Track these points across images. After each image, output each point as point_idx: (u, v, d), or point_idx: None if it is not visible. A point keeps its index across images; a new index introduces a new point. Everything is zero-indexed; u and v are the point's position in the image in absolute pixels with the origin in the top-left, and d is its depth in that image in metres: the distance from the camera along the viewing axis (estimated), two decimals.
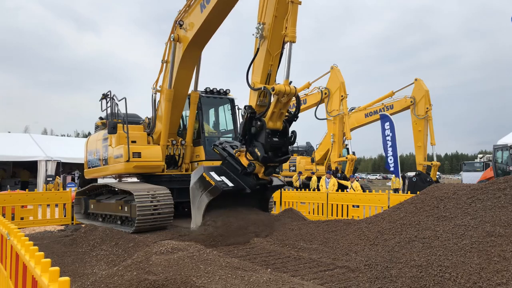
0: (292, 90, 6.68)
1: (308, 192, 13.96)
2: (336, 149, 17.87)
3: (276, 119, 6.88)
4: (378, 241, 5.10)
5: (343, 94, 17.29)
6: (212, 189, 6.94)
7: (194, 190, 7.31)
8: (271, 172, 7.27)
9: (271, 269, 4.96)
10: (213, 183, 6.94)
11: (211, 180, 7.01)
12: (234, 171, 7.41)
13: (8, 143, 22.89)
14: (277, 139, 6.89)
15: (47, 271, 1.94)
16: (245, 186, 7.20)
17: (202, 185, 7.13)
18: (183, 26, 9.53)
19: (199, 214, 7.01)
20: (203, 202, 7.02)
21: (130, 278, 4.75)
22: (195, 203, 7.26)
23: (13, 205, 11.14)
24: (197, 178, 7.29)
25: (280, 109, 6.82)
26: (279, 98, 6.65)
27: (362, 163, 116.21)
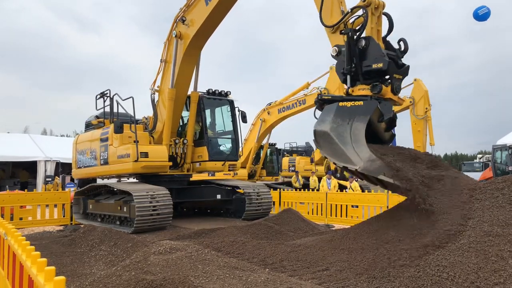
0: (381, 3, 6.17)
1: (307, 192, 13.97)
2: None
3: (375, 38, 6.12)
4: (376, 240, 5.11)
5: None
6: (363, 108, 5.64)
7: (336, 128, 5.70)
8: (399, 87, 6.35)
9: (269, 269, 4.97)
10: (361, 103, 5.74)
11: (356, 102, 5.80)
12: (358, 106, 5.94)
13: (7, 143, 22.92)
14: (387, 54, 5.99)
15: (43, 271, 1.95)
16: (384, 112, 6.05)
17: (346, 114, 5.72)
18: (185, 22, 9.55)
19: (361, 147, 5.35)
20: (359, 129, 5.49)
21: (128, 278, 4.75)
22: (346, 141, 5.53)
23: (12, 205, 11.16)
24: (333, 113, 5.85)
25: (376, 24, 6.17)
26: (372, 10, 6.10)
27: None
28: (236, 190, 11.44)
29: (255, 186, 11.44)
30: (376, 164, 5.24)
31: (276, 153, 24.55)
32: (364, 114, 5.67)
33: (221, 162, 11.44)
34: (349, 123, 5.70)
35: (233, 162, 11.82)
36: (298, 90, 18.93)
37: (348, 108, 5.86)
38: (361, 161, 5.36)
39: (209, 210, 12.92)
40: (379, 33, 6.29)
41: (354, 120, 5.68)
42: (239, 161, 20.34)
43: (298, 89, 18.91)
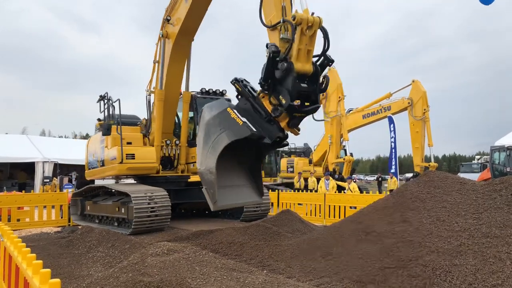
0: (316, 20, 5.56)
1: (306, 193, 13.96)
2: (334, 150, 17.89)
3: (304, 60, 5.74)
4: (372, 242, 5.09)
5: (340, 96, 17.31)
6: (238, 129, 5.72)
7: (211, 126, 5.99)
8: (296, 124, 6.11)
9: (267, 271, 4.95)
10: (241, 122, 5.78)
11: (238, 118, 5.87)
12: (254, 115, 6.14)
13: (5, 144, 22.87)
14: (305, 85, 5.78)
15: (38, 273, 1.94)
16: (265, 135, 6.00)
17: (225, 122, 5.88)
18: (170, 21, 9.59)
19: (212, 156, 5.71)
20: (222, 142, 5.71)
21: (125, 280, 4.74)
22: (209, 141, 5.93)
23: (9, 207, 11.12)
24: (218, 112, 6.03)
25: (306, 45, 5.70)
26: (303, 29, 5.60)
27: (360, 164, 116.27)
28: None
29: None
30: (209, 177, 5.70)
31: (275, 154, 24.54)
32: (234, 134, 5.77)
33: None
34: (221, 130, 5.88)
35: None
36: None
37: (229, 118, 5.92)
38: (203, 166, 5.86)
39: (207, 211, 12.89)
40: (310, 54, 5.79)
41: (224, 133, 5.83)
42: None
43: None
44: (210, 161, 5.71)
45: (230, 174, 6.32)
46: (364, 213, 5.81)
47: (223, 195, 5.89)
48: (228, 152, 5.91)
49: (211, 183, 5.64)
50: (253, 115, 6.07)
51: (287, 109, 5.76)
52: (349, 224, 5.71)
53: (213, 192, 5.60)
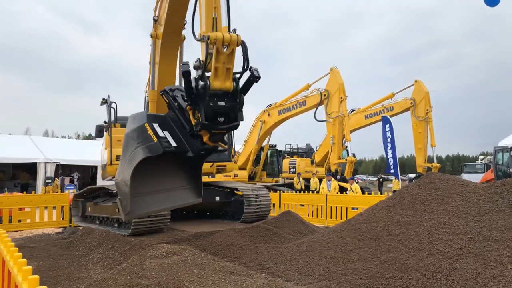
0: (233, 38, 5.44)
1: (308, 194, 13.90)
2: (336, 151, 17.81)
3: (223, 78, 5.64)
4: (372, 245, 5.05)
5: (342, 96, 17.22)
6: (152, 146, 5.76)
7: (129, 138, 6.03)
8: (219, 139, 6.07)
9: (265, 274, 4.91)
10: (155, 139, 5.83)
11: (153, 134, 5.90)
12: (179, 127, 6.23)
13: (7, 145, 22.93)
14: (223, 103, 5.72)
15: (27, 279, 1.91)
16: (189, 148, 6.09)
17: (141, 136, 5.90)
18: (157, 21, 9.62)
19: (128, 169, 5.72)
20: (137, 156, 5.73)
21: (123, 282, 4.72)
22: (127, 154, 5.95)
23: (10, 208, 11.12)
24: (136, 126, 6.03)
25: (223, 64, 5.58)
26: (219, 49, 5.48)
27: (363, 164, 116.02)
28: (235, 192, 11.37)
29: (254, 188, 11.37)
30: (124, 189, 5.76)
31: (277, 154, 24.48)
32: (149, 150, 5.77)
33: (209, 164, 11.12)
34: (137, 144, 5.90)
35: (222, 164, 11.43)
36: (298, 92, 18.88)
37: (146, 134, 5.93)
38: (120, 177, 5.96)
39: (208, 212, 12.86)
40: (229, 71, 5.69)
41: (140, 148, 5.83)
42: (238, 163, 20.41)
43: (298, 91, 18.86)
44: (126, 173, 5.76)
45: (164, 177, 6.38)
46: (364, 216, 5.76)
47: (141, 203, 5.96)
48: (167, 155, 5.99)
49: (125, 195, 5.71)
50: (179, 127, 6.19)
51: (202, 127, 5.83)
52: (349, 226, 5.66)
53: (126, 203, 5.68)
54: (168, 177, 6.45)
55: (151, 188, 6.13)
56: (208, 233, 7.85)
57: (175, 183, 6.53)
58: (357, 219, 5.84)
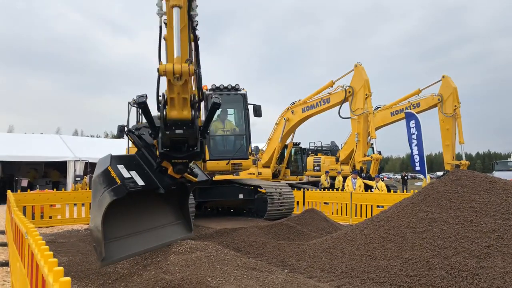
0: (184, 69, 5.35)
1: (332, 192, 13.81)
2: (361, 148, 17.60)
3: (180, 107, 5.61)
4: (396, 242, 4.97)
5: (367, 93, 16.98)
6: (116, 188, 5.67)
7: (96, 184, 5.91)
8: (182, 169, 6.02)
9: (287, 270, 4.91)
10: (119, 182, 5.72)
11: (117, 177, 5.80)
12: (148, 164, 6.19)
13: (40, 144, 23.73)
14: (180, 131, 5.68)
15: (52, 271, 1.98)
16: (159, 185, 6.01)
17: (106, 181, 5.80)
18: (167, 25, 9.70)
19: (98, 214, 5.62)
20: (104, 201, 5.64)
21: (148, 277, 4.81)
22: (96, 199, 5.86)
23: (42, 204, 11.50)
24: (101, 171, 5.92)
25: (178, 94, 5.53)
26: (171, 80, 5.43)
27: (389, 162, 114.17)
28: (259, 190, 11.40)
29: (277, 186, 11.37)
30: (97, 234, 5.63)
31: (301, 152, 24.38)
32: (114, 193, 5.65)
33: (225, 161, 11.12)
34: (104, 188, 5.78)
35: (238, 161, 11.35)
36: (322, 89, 18.73)
37: (110, 177, 5.83)
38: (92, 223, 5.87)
39: (231, 209, 12.95)
40: (186, 101, 5.63)
41: (106, 191, 5.71)
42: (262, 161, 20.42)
43: (322, 88, 18.71)
44: (97, 219, 5.67)
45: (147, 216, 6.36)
46: (388, 213, 5.68)
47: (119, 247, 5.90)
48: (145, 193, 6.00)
49: (98, 240, 5.62)
50: (147, 165, 6.15)
51: (161, 157, 5.83)
52: (372, 224, 5.59)
53: (100, 249, 5.59)
54: (153, 216, 6.42)
55: (130, 230, 6.08)
56: (232, 229, 7.90)
57: (160, 220, 6.50)
58: (380, 216, 5.77)
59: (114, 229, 5.86)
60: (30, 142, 24.26)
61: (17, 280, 3.87)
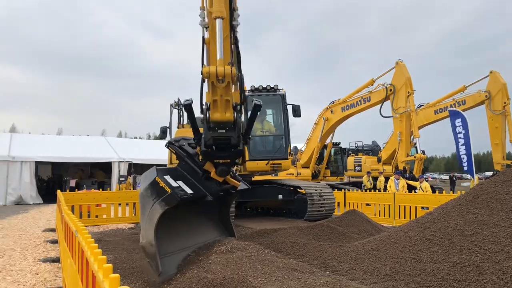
0: (227, 71, 5.50)
1: (374, 193, 13.52)
2: (403, 148, 17.13)
3: (222, 109, 5.74)
4: (443, 245, 4.79)
5: (409, 90, 16.52)
6: (167, 198, 5.70)
7: (145, 197, 5.94)
8: (225, 171, 6.04)
9: (329, 272, 4.85)
10: (169, 190, 5.76)
11: (166, 186, 5.85)
12: (193, 174, 6.26)
13: (86, 146, 24.78)
14: (223, 131, 5.80)
15: (102, 268, 2.05)
16: (206, 192, 6.05)
17: (155, 192, 5.86)
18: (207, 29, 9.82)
19: (150, 228, 5.64)
20: (155, 212, 5.68)
21: (190, 276, 4.89)
22: (145, 213, 5.85)
23: (88, 204, 11.97)
24: (148, 183, 5.99)
25: (221, 96, 5.67)
26: (214, 82, 5.59)
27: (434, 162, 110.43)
28: (298, 190, 11.33)
29: (317, 187, 11.27)
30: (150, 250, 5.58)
31: (341, 152, 24.04)
32: (165, 202, 5.63)
33: (264, 162, 11.12)
34: (154, 200, 5.76)
35: (277, 161, 11.33)
36: (362, 87, 18.41)
37: (159, 187, 5.81)
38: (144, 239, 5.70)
39: (271, 210, 12.95)
40: (228, 103, 5.73)
41: (157, 203, 5.70)
42: (301, 161, 20.29)
43: (362, 86, 18.39)
44: (149, 233, 5.67)
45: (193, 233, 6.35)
46: (434, 215, 5.48)
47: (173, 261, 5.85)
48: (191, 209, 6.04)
49: (153, 256, 5.61)
50: (192, 174, 6.18)
51: (204, 156, 5.86)
52: (417, 226, 5.42)
53: (156, 264, 5.57)
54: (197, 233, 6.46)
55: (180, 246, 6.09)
56: (272, 230, 7.89)
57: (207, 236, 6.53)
58: (426, 218, 5.58)
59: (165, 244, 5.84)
60: (77, 144, 25.39)
61: (68, 276, 4.04)
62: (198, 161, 6.21)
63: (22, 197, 19.88)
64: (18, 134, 28.51)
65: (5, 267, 6.68)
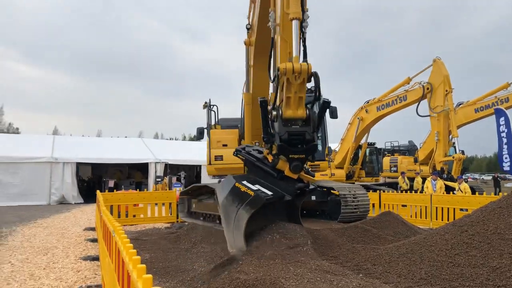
0: (304, 67, 5.56)
1: (410, 194, 13.21)
2: (441, 147, 16.63)
3: (295, 106, 5.79)
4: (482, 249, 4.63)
5: (447, 89, 16.00)
6: (251, 201, 5.66)
7: (227, 206, 5.92)
8: (299, 167, 5.92)
9: (362, 275, 4.79)
10: (251, 193, 5.75)
11: (248, 189, 5.84)
12: (266, 177, 6.23)
13: (124, 147, 25.55)
14: (297, 126, 5.82)
15: (136, 268, 2.13)
16: (284, 193, 6.00)
17: (238, 198, 5.83)
18: (250, 29, 9.80)
19: (239, 235, 5.58)
20: (242, 218, 5.62)
21: (223, 276, 4.96)
22: (231, 222, 5.80)
23: (126, 204, 12.34)
24: (228, 190, 5.99)
25: (295, 93, 5.73)
26: (289, 79, 5.63)
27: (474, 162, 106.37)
28: (331, 191, 11.22)
29: (351, 188, 11.12)
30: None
31: (376, 152, 23.59)
32: (251, 206, 5.62)
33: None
34: (237, 207, 5.75)
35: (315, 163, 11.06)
36: (398, 86, 18.01)
37: (241, 193, 5.83)
38: (234, 248, 5.67)
39: (304, 211, 12.87)
40: (301, 100, 5.81)
41: (242, 208, 5.69)
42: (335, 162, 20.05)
43: (398, 85, 17.98)
44: (238, 241, 5.69)
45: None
46: (472, 218, 5.31)
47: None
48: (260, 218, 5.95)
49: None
50: (265, 178, 6.19)
51: (279, 151, 5.81)
52: (454, 229, 5.26)
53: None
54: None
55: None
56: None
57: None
58: (464, 220, 5.41)
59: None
60: (116, 145, 26.21)
61: (107, 274, 4.19)
62: (269, 163, 6.23)
63: (64, 196, 20.73)
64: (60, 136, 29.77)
65: (49, 265, 7.00)
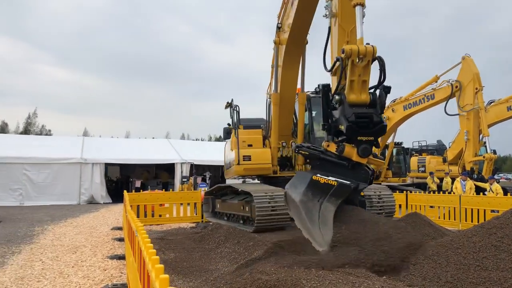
0: (369, 49, 5.44)
1: (438, 195, 12.90)
2: (471, 147, 16.17)
3: (358, 91, 5.62)
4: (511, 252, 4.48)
5: (477, 87, 15.56)
6: (336, 191, 5.42)
7: (306, 203, 5.61)
8: (368, 150, 5.62)
9: (386, 277, 4.72)
10: (334, 183, 5.47)
11: (329, 180, 5.55)
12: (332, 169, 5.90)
13: (151, 147, 26.04)
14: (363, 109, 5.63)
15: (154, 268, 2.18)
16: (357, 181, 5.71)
17: (318, 191, 5.54)
18: (281, 29, 9.76)
19: (327, 230, 5.27)
20: (328, 211, 5.34)
21: (245, 276, 4.98)
22: (314, 219, 5.46)
23: (153, 204, 12.56)
24: (305, 186, 5.71)
25: (359, 76, 5.57)
26: (354, 61, 5.50)
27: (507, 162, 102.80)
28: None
29: (376, 189, 10.95)
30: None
31: (403, 152, 23.15)
32: (336, 197, 5.40)
33: None
34: (320, 201, 5.49)
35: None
36: (425, 85, 17.63)
37: (321, 185, 5.57)
38: (325, 246, 5.33)
39: None
40: (365, 84, 5.65)
41: (325, 200, 5.44)
42: None
43: (426, 83, 17.60)
44: (327, 237, 5.36)
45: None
46: (501, 220, 5.14)
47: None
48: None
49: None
50: (336, 169, 5.88)
51: (348, 131, 5.55)
52: (482, 231, 5.11)
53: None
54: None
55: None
56: None
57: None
58: (492, 223, 5.25)
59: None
60: (143, 146, 26.72)
61: (131, 273, 4.29)
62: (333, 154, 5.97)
63: (93, 196, 21.29)
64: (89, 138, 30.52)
65: (77, 263, 7.20)
